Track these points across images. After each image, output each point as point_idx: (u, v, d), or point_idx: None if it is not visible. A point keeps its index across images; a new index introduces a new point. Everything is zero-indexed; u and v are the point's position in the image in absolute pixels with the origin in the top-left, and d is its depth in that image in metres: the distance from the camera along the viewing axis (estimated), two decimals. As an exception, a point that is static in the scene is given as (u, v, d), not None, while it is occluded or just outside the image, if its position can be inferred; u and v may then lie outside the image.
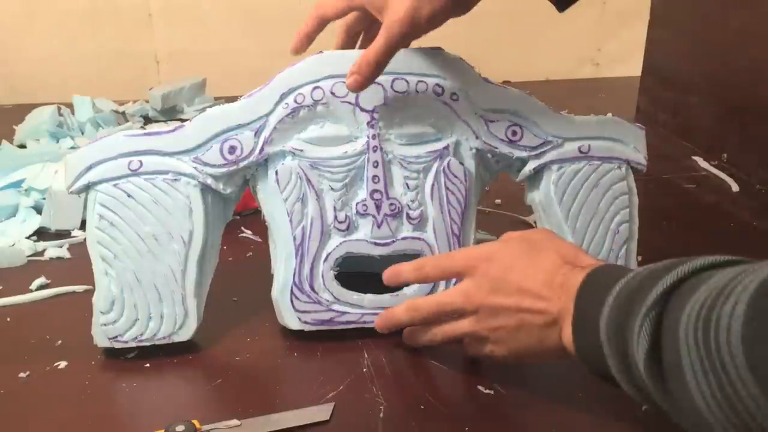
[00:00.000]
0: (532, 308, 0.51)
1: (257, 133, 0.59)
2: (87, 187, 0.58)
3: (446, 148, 0.62)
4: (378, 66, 0.57)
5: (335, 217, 0.61)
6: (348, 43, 0.65)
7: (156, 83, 1.33)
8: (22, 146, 1.05)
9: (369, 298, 0.62)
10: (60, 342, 0.62)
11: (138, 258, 0.58)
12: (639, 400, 0.45)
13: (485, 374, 0.57)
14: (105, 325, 0.58)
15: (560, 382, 0.56)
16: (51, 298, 0.70)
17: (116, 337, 0.59)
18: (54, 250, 0.78)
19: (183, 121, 1.22)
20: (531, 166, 0.65)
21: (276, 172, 0.60)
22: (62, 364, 0.59)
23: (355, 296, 0.62)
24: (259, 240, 0.79)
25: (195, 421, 0.51)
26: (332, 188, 0.61)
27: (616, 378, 0.45)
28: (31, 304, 0.69)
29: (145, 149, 0.58)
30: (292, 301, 0.61)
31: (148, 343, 0.59)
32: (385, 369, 0.58)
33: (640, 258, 0.75)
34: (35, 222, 0.82)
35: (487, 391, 0.55)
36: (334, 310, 0.61)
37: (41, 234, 0.82)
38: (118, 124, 1.14)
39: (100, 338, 0.59)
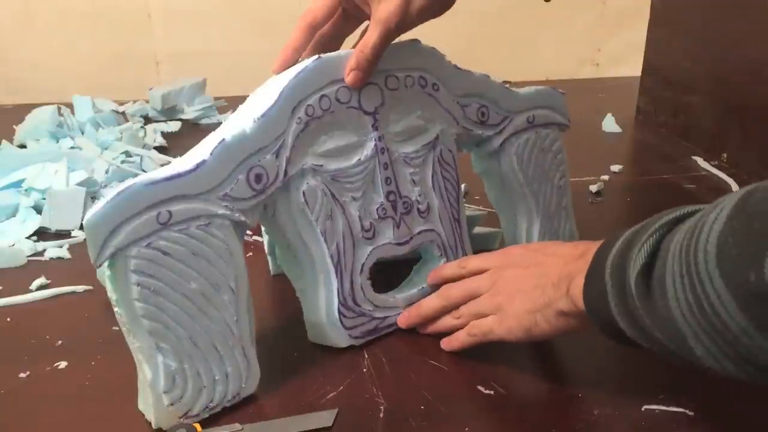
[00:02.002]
0: (551, 269, 0.53)
1: (278, 155, 0.55)
2: (114, 255, 0.48)
3: (437, 138, 0.64)
4: (376, 60, 0.58)
5: (362, 227, 0.60)
6: (318, 47, 0.62)
7: (156, 84, 1.33)
8: (22, 146, 1.05)
9: (402, 297, 0.63)
10: (60, 342, 0.62)
11: (190, 321, 0.51)
12: (632, 334, 0.45)
13: (485, 374, 0.57)
14: (173, 404, 0.51)
15: (560, 383, 0.56)
16: (51, 298, 0.70)
17: (186, 413, 0.52)
18: (54, 250, 0.78)
19: (183, 121, 1.23)
20: (497, 142, 0.69)
21: (303, 194, 0.57)
22: (62, 364, 0.59)
23: (390, 299, 0.62)
24: (260, 240, 0.79)
25: (196, 425, 0.51)
26: (354, 198, 0.60)
27: (613, 312, 0.45)
28: (31, 304, 0.69)
29: (170, 196, 0.50)
30: (341, 321, 0.59)
31: (218, 409, 0.53)
32: (385, 369, 0.58)
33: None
34: (35, 222, 0.82)
35: (487, 391, 0.55)
36: (377, 318, 0.61)
37: (41, 234, 0.82)
38: (118, 124, 1.14)
39: (168, 420, 0.51)
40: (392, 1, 0.56)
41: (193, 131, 1.20)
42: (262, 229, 0.75)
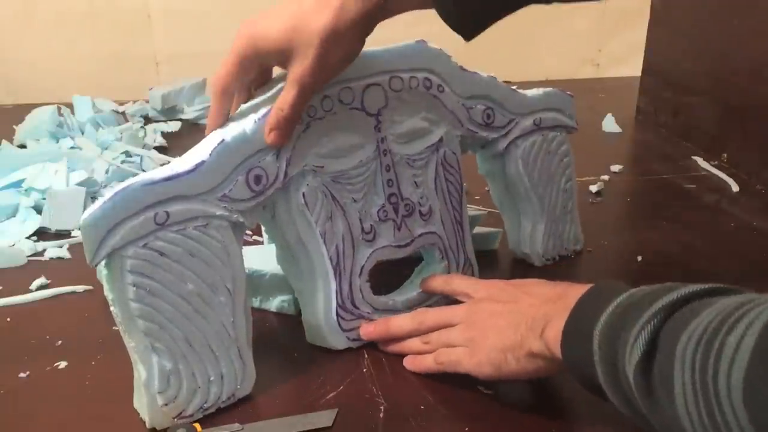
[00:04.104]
0: (527, 309, 0.52)
1: (278, 156, 0.55)
2: (110, 255, 0.48)
3: (441, 140, 0.63)
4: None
5: (362, 229, 0.60)
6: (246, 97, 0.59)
7: (156, 84, 1.33)
8: (22, 146, 1.05)
9: (401, 300, 0.63)
10: (60, 342, 0.62)
11: (186, 322, 0.51)
12: (624, 410, 0.44)
13: (485, 374, 0.57)
14: (167, 404, 0.51)
15: (560, 383, 0.56)
16: (51, 298, 0.70)
17: (180, 413, 0.52)
18: (54, 250, 0.78)
19: (183, 121, 1.23)
20: (502, 145, 0.69)
21: (303, 195, 0.56)
22: (62, 364, 0.59)
23: (389, 301, 0.62)
24: (260, 240, 0.79)
25: (196, 424, 0.51)
26: (354, 200, 0.59)
27: (603, 386, 0.44)
28: (31, 304, 0.69)
29: (168, 197, 0.50)
30: (339, 323, 0.59)
31: (213, 410, 0.53)
32: (385, 369, 0.58)
33: (640, 258, 0.75)
34: (35, 222, 0.82)
35: (487, 391, 0.55)
36: (375, 320, 0.61)
37: (41, 234, 0.82)
38: (118, 124, 1.14)
39: (162, 420, 0.51)
40: (305, 60, 0.53)
41: (193, 131, 1.20)
42: (263, 229, 0.75)
